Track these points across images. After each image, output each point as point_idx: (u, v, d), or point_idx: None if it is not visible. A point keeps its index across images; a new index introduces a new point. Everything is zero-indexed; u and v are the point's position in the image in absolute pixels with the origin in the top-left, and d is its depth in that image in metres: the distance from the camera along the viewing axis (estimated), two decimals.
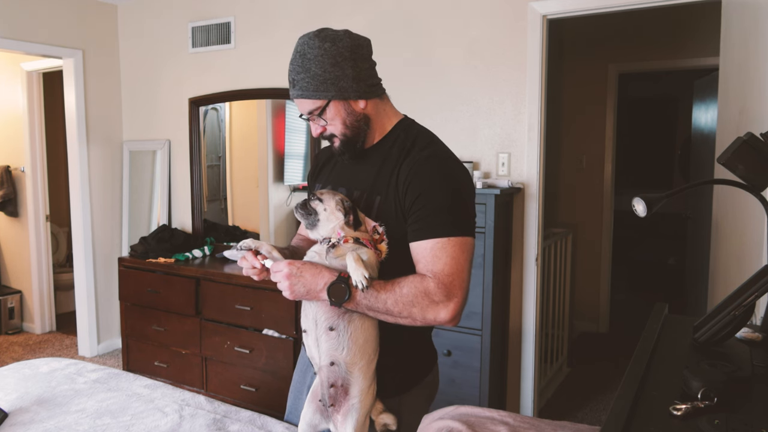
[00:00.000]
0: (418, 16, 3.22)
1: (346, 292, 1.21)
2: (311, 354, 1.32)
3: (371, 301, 1.22)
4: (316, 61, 1.28)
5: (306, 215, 1.32)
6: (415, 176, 1.28)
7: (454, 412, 1.21)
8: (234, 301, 3.25)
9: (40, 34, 3.92)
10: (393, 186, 1.31)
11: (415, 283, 1.23)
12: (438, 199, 1.26)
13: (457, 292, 1.23)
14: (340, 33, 1.31)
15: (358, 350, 1.27)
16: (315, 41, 1.28)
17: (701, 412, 0.82)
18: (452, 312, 1.23)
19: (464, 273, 1.25)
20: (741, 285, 1.07)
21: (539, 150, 2.96)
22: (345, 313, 1.26)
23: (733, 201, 2.24)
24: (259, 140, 3.89)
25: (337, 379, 1.29)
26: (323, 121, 1.33)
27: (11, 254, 4.96)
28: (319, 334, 1.28)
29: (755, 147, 1.20)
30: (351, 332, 1.26)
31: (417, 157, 1.31)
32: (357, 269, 1.20)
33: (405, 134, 1.38)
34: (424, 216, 1.26)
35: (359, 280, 1.20)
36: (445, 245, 1.24)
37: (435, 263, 1.24)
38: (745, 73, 2.18)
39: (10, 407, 1.92)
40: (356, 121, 1.33)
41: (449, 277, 1.23)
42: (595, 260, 4.83)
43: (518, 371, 3.11)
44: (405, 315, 1.23)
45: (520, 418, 1.14)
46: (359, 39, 1.33)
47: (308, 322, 1.30)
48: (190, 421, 1.82)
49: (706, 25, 4.11)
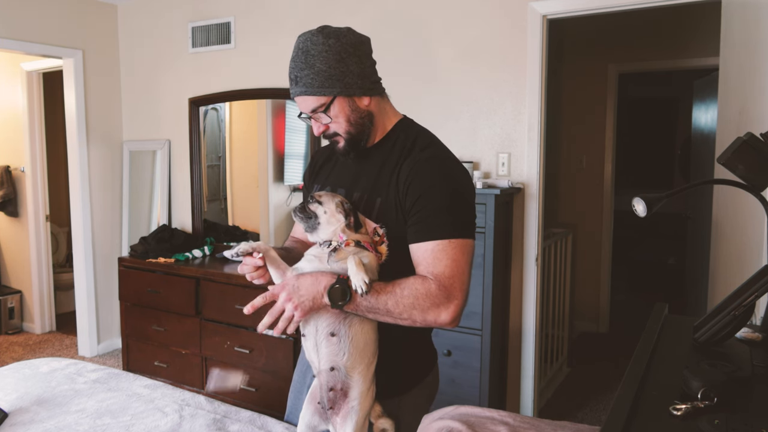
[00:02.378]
0: (417, 16, 3.22)
1: (346, 294, 1.20)
2: (310, 358, 1.31)
3: (372, 302, 1.21)
4: (321, 57, 1.26)
5: (305, 219, 1.29)
6: (415, 177, 1.28)
7: (454, 412, 1.21)
8: (234, 301, 3.25)
9: (40, 34, 3.92)
10: (393, 187, 1.31)
11: (416, 284, 1.22)
12: (438, 200, 1.26)
13: (457, 294, 1.23)
14: (342, 30, 1.30)
15: (358, 354, 1.26)
16: (318, 37, 1.27)
17: (701, 412, 0.82)
18: (452, 314, 1.23)
19: (464, 275, 1.25)
20: (741, 285, 1.07)
21: (539, 150, 2.96)
22: (346, 318, 1.25)
23: (733, 201, 2.23)
24: (259, 140, 3.89)
25: (337, 383, 1.28)
26: (327, 118, 1.31)
27: (11, 254, 4.96)
28: (319, 339, 1.27)
29: (755, 147, 1.20)
30: (351, 337, 1.25)
31: (417, 157, 1.30)
32: (357, 273, 1.19)
33: (405, 134, 1.37)
34: (425, 217, 1.26)
35: (359, 285, 1.18)
36: (445, 247, 1.23)
37: (436, 265, 1.23)
38: (745, 73, 2.18)
39: (10, 407, 1.92)
40: (360, 118, 1.32)
41: (450, 279, 1.23)
42: (595, 260, 4.83)
43: (518, 371, 3.11)
44: (405, 317, 1.23)
45: (520, 418, 1.14)
46: (361, 36, 1.33)
47: (307, 327, 1.28)
48: (190, 421, 1.82)
49: (706, 25, 4.11)
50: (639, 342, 1.08)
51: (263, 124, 3.87)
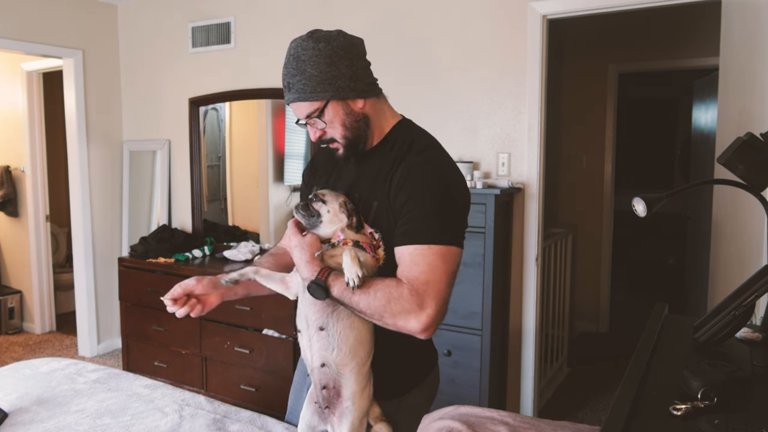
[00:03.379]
0: (417, 16, 3.22)
1: (323, 294, 1.20)
2: (305, 356, 1.31)
3: (346, 300, 1.20)
4: (311, 62, 1.24)
5: (308, 216, 1.29)
6: (407, 180, 1.26)
7: (454, 412, 1.20)
8: (234, 301, 3.24)
9: (40, 34, 3.92)
10: (387, 190, 1.29)
11: (390, 288, 1.18)
12: (426, 204, 1.23)
13: (430, 303, 1.16)
14: (333, 33, 1.28)
15: (349, 351, 1.26)
16: (309, 42, 1.25)
17: (701, 412, 0.82)
18: (423, 324, 1.16)
19: (441, 283, 1.18)
20: (741, 285, 1.07)
21: (539, 150, 2.96)
22: (333, 312, 1.25)
23: (733, 201, 2.23)
24: (259, 140, 3.89)
25: (329, 381, 1.28)
26: (322, 123, 1.30)
27: (11, 254, 4.96)
28: (311, 333, 1.27)
29: (755, 147, 1.20)
30: (340, 332, 1.25)
31: (412, 162, 1.28)
32: (352, 267, 1.18)
33: (402, 137, 1.35)
34: (410, 221, 1.23)
35: (352, 278, 1.17)
36: (424, 252, 1.20)
37: (411, 269, 1.19)
38: (745, 73, 2.18)
39: (10, 407, 1.92)
40: (355, 121, 1.31)
41: (423, 285, 1.17)
42: (595, 260, 4.83)
43: (518, 371, 3.11)
44: (377, 318, 1.20)
45: (520, 418, 1.14)
46: (353, 38, 1.31)
47: (301, 321, 1.29)
48: (190, 421, 1.82)
49: (706, 25, 4.11)
50: (639, 342, 1.08)
51: (263, 124, 3.87)
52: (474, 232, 2.74)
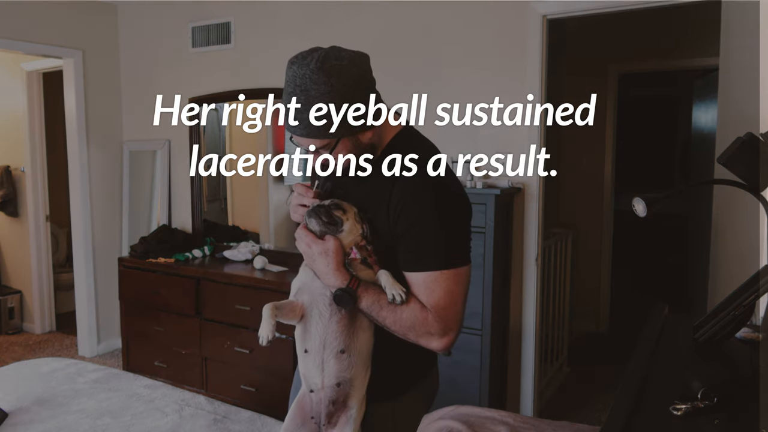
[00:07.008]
0: (417, 16, 3.22)
1: (350, 302, 1.20)
2: (309, 374, 1.27)
3: (373, 314, 1.22)
4: (323, 99, 1.14)
5: (328, 224, 1.23)
6: (409, 200, 1.22)
7: (454, 412, 1.21)
8: (234, 301, 3.25)
9: (40, 34, 3.92)
10: (384, 205, 1.26)
11: (416, 311, 1.22)
12: (431, 229, 1.22)
13: (453, 326, 1.23)
14: (345, 63, 1.16)
15: (362, 364, 1.26)
16: (320, 76, 1.13)
17: (701, 412, 0.82)
18: (445, 344, 1.24)
19: (459, 305, 1.24)
20: (741, 285, 1.07)
21: (539, 150, 2.96)
22: (354, 333, 1.24)
23: (733, 201, 2.23)
24: (259, 140, 3.89)
25: (340, 396, 1.26)
26: (328, 155, 1.24)
27: (11, 254, 4.96)
28: (326, 356, 1.24)
29: (755, 147, 1.20)
30: (359, 350, 1.25)
31: (411, 180, 1.24)
32: (394, 286, 1.21)
33: (401, 149, 1.29)
34: (416, 247, 1.22)
35: (397, 293, 1.20)
36: (437, 278, 1.21)
37: (430, 296, 1.22)
38: (745, 73, 2.18)
39: (10, 407, 1.92)
40: (363, 151, 1.27)
41: (445, 311, 1.22)
42: (595, 260, 4.83)
43: (518, 371, 3.11)
44: (400, 334, 1.24)
45: (520, 418, 1.14)
46: (363, 64, 1.21)
47: (312, 342, 1.25)
48: (190, 422, 1.82)
49: (706, 25, 4.10)
50: (639, 342, 1.08)
51: (263, 124, 3.87)
52: (474, 232, 2.74)
